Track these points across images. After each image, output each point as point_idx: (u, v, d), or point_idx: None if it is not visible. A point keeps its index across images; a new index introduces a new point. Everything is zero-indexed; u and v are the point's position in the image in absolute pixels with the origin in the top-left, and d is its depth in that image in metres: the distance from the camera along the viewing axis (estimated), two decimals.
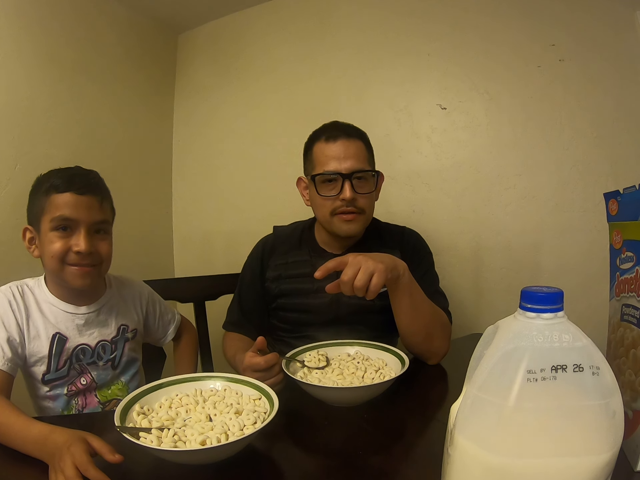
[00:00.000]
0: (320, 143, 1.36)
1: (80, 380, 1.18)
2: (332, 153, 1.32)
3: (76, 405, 1.18)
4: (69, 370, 1.16)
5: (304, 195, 1.47)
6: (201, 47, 2.60)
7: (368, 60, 2.05)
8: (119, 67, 2.32)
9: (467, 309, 1.86)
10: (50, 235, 1.07)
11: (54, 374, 1.14)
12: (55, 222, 1.06)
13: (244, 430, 0.80)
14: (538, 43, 1.68)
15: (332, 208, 1.33)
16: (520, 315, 0.52)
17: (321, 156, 1.34)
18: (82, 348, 1.17)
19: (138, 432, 0.78)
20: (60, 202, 1.06)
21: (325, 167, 1.32)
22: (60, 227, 1.07)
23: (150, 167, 2.56)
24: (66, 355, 1.15)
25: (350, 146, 1.33)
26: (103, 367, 1.21)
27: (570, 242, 1.66)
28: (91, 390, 1.20)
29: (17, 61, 1.81)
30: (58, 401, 1.16)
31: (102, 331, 1.21)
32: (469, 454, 0.52)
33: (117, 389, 1.24)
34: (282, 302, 1.45)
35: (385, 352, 1.17)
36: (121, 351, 1.25)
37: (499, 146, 1.78)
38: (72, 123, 2.07)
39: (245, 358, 1.07)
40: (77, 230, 1.07)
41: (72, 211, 1.06)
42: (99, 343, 1.20)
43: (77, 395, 1.18)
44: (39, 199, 1.09)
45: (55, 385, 1.15)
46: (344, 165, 1.31)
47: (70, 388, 1.17)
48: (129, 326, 1.27)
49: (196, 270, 2.57)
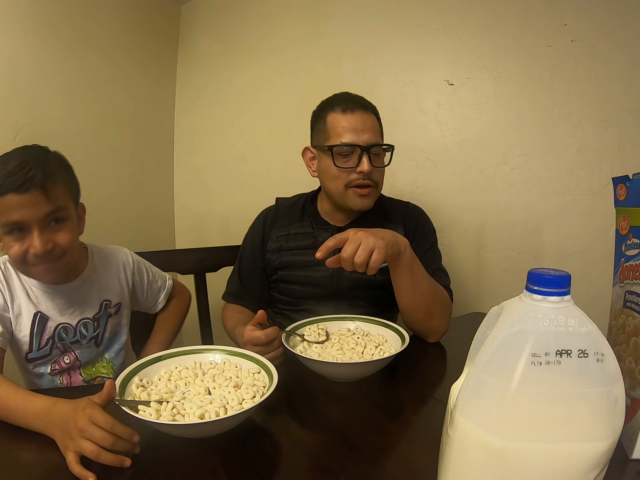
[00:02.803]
0: (336, 114, 1.33)
1: (63, 359, 1.17)
2: (350, 125, 1.30)
3: (60, 384, 1.18)
4: (52, 350, 1.15)
5: (309, 166, 1.44)
6: (204, 17, 2.56)
7: (374, 33, 2.01)
8: (121, 38, 2.28)
9: (468, 286, 1.86)
10: (6, 240, 1.02)
11: (36, 352, 1.13)
12: (6, 227, 1.00)
13: (242, 404, 0.80)
14: (550, 22, 1.63)
15: (347, 180, 1.32)
16: (527, 297, 0.52)
17: (337, 127, 1.31)
18: (64, 327, 1.16)
19: (137, 405, 0.78)
20: (4, 207, 0.98)
21: (342, 138, 1.30)
22: (13, 229, 1.00)
23: (152, 139, 2.54)
24: (48, 335, 1.14)
25: (367, 119, 1.32)
26: (86, 345, 1.20)
27: (573, 225, 1.65)
28: (75, 368, 1.20)
29: (16, 32, 1.79)
30: (42, 380, 1.16)
31: (83, 309, 1.19)
32: (469, 435, 0.52)
33: (101, 367, 1.24)
34: (283, 274, 1.45)
35: (386, 328, 1.17)
36: (103, 328, 1.23)
37: (506, 125, 1.76)
38: (72, 95, 2.05)
39: (245, 332, 1.07)
40: (29, 230, 1.00)
41: (17, 213, 0.98)
42: (80, 321, 1.18)
43: (61, 374, 1.18)
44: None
45: (38, 364, 1.15)
46: (362, 138, 1.29)
47: (54, 367, 1.16)
48: (112, 301, 1.25)
49: (197, 242, 2.59)
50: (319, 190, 1.52)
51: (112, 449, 0.72)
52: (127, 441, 0.74)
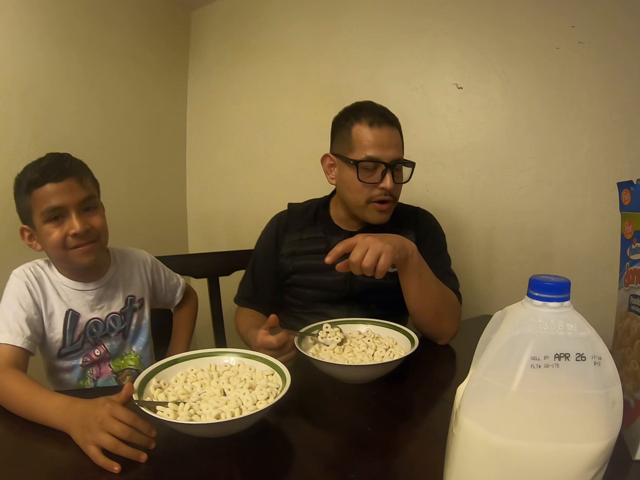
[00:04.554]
0: (362, 126, 1.32)
1: (94, 352, 1.24)
2: (377, 140, 1.30)
3: (91, 375, 1.24)
4: (83, 344, 1.22)
5: (327, 173, 1.45)
6: (215, 23, 2.59)
7: (383, 38, 2.03)
8: (133, 44, 2.33)
9: (478, 289, 1.87)
10: (45, 228, 1.10)
11: (69, 347, 1.20)
12: (46, 214, 1.09)
13: (257, 405, 0.82)
14: (557, 24, 1.64)
15: (369, 195, 1.33)
16: (528, 302, 0.54)
17: (364, 140, 1.31)
18: (95, 322, 1.23)
19: (155, 405, 0.81)
20: (43, 195, 1.09)
21: (368, 152, 1.30)
22: (52, 217, 1.10)
23: (164, 144, 2.58)
24: (80, 330, 1.21)
25: (393, 135, 1.33)
26: (115, 337, 1.27)
27: (582, 227, 1.65)
28: (105, 360, 1.26)
29: (29, 40, 1.83)
30: (74, 372, 1.22)
31: (111, 304, 1.27)
32: (472, 434, 0.54)
33: (129, 359, 1.31)
34: (296, 278, 1.47)
35: (396, 331, 1.19)
36: (129, 321, 1.30)
37: (515, 128, 1.77)
38: (85, 101, 2.09)
39: (258, 336, 1.10)
40: (67, 215, 1.11)
41: (56, 200, 1.08)
42: (109, 316, 1.26)
43: (92, 366, 1.24)
44: (23, 198, 1.12)
45: (71, 357, 1.21)
46: (387, 154, 1.31)
47: (85, 359, 1.23)
48: (136, 296, 1.33)
49: (209, 246, 2.62)
50: (331, 196, 1.54)
51: (129, 441, 0.76)
52: (144, 435, 0.78)
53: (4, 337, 1.05)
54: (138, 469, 0.75)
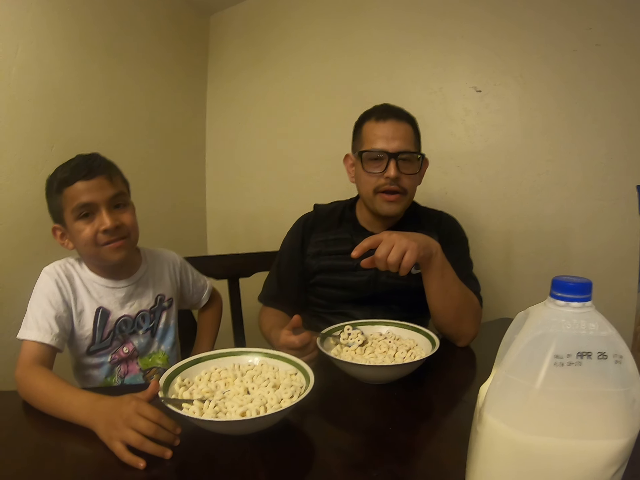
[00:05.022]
0: (370, 122, 1.40)
1: (122, 349, 1.25)
2: (381, 132, 1.36)
3: (119, 372, 1.26)
4: (112, 341, 1.23)
5: (349, 172, 1.51)
6: (233, 27, 2.62)
7: (401, 41, 2.05)
8: (151, 49, 2.35)
9: (496, 292, 1.87)
10: (76, 225, 1.13)
11: (98, 344, 1.21)
12: (76, 211, 1.12)
13: (281, 404, 0.84)
14: (574, 27, 1.64)
15: (375, 185, 1.37)
16: (550, 302, 0.55)
17: (370, 134, 1.38)
18: (124, 320, 1.24)
19: (180, 403, 0.83)
20: (74, 193, 1.11)
21: (373, 145, 1.36)
22: (83, 214, 1.12)
23: (184, 148, 2.61)
24: (110, 327, 1.22)
25: (399, 128, 1.37)
26: (143, 335, 1.29)
27: (600, 230, 1.65)
28: (133, 358, 1.28)
29: (50, 45, 1.86)
30: (102, 369, 1.24)
31: (141, 302, 1.28)
32: (496, 431, 0.55)
33: (157, 358, 1.32)
34: (321, 278, 1.49)
35: (417, 332, 1.20)
36: (158, 320, 1.32)
37: (532, 131, 1.77)
38: (105, 105, 2.12)
39: (281, 336, 1.12)
40: (97, 212, 1.13)
41: (86, 196, 1.11)
42: (139, 313, 1.27)
43: (120, 363, 1.26)
44: (54, 198, 1.15)
45: (100, 354, 1.23)
46: (391, 145, 1.34)
47: (114, 357, 1.24)
48: (165, 295, 1.34)
49: (228, 247, 2.64)
50: (357, 197, 1.56)
51: (155, 437, 0.78)
52: (169, 432, 0.79)
53: (32, 335, 1.07)
54: (163, 466, 0.76)
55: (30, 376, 0.98)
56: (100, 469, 0.77)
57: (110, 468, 0.76)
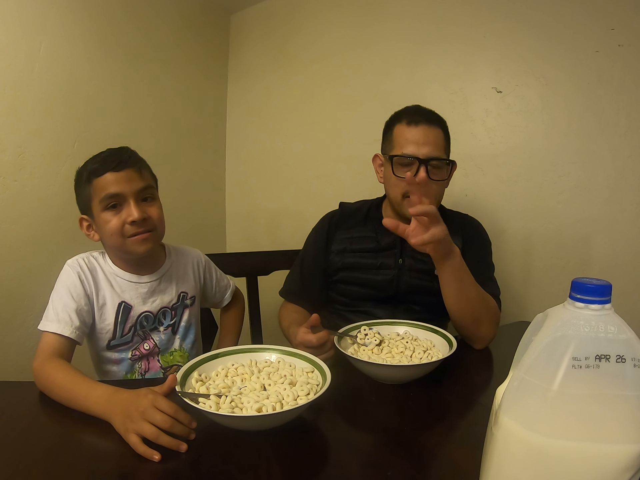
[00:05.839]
0: (402, 125, 1.39)
1: (143, 346, 1.26)
2: (412, 137, 1.35)
3: (139, 369, 1.27)
4: (133, 336, 1.24)
5: (378, 172, 1.52)
6: (254, 27, 2.63)
7: (421, 41, 2.04)
8: (173, 47, 2.38)
9: (515, 295, 1.85)
10: (103, 216, 1.14)
11: (119, 339, 1.22)
12: (104, 202, 1.13)
13: (297, 401, 0.84)
14: (597, 27, 1.62)
15: (404, 190, 1.37)
16: (570, 304, 0.55)
17: (401, 138, 1.38)
18: (146, 315, 1.25)
19: (197, 397, 0.84)
20: (103, 184, 1.13)
21: (404, 149, 1.36)
22: (110, 205, 1.13)
23: (204, 146, 2.63)
24: (131, 323, 1.23)
25: (430, 133, 1.36)
26: (164, 332, 1.29)
27: (622, 234, 1.62)
28: (154, 355, 1.28)
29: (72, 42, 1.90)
30: (122, 365, 1.25)
31: (164, 298, 1.29)
32: (511, 433, 0.55)
33: (178, 356, 1.32)
34: (344, 275, 1.50)
35: (434, 333, 1.20)
36: (180, 317, 1.32)
37: (554, 132, 1.75)
38: (128, 104, 2.16)
39: (299, 334, 1.13)
40: (125, 203, 1.14)
41: (115, 187, 1.12)
42: (160, 310, 1.28)
43: (141, 360, 1.27)
44: (83, 188, 1.16)
45: (120, 350, 1.24)
46: (422, 151, 1.34)
47: (134, 353, 1.25)
48: (188, 293, 1.34)
49: (247, 245, 2.66)
50: (384, 197, 1.57)
51: (170, 431, 0.79)
52: (185, 426, 0.80)
53: (53, 327, 1.09)
54: (178, 459, 0.78)
55: (48, 368, 1.00)
56: (116, 461, 0.79)
57: (125, 459, 0.77)
